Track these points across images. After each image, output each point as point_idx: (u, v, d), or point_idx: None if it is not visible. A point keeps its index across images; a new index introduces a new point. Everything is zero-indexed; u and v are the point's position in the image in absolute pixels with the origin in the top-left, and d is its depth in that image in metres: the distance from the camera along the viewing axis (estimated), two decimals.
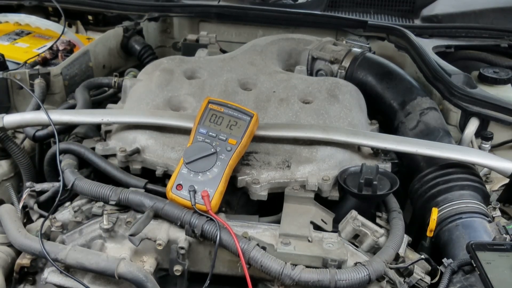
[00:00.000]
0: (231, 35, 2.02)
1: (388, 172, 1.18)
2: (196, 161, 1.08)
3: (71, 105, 1.48)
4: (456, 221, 1.16)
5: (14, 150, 1.33)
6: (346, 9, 2.19)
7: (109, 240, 1.06)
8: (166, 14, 2.00)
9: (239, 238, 0.98)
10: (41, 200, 1.19)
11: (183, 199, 1.05)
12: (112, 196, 1.08)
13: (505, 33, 1.85)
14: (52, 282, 0.99)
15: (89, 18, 2.09)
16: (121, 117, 1.26)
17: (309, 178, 1.16)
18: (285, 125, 1.25)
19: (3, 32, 1.92)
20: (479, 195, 1.21)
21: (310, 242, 1.04)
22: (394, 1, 2.19)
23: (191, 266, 1.06)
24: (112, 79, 1.56)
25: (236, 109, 1.15)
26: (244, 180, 1.16)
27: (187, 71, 1.44)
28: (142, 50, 1.88)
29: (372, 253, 1.06)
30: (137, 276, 0.95)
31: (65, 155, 1.24)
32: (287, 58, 1.64)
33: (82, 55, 1.69)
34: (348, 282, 0.95)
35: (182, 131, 1.22)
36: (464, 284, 1.00)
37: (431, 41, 1.80)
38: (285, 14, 1.96)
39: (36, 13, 2.01)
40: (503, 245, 1.02)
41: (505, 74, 1.65)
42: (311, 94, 1.36)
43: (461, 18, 2.01)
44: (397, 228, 1.09)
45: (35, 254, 1.01)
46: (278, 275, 0.95)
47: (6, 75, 1.50)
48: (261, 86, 1.38)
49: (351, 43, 1.72)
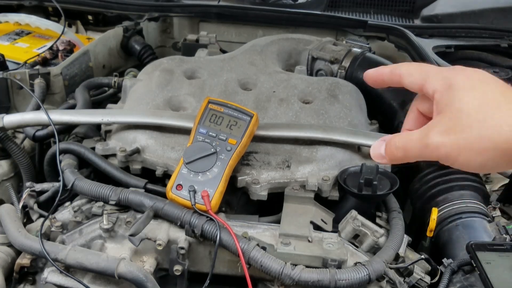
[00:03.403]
0: (231, 35, 2.01)
1: (388, 172, 1.18)
2: (196, 161, 1.08)
3: (71, 105, 1.48)
4: (456, 221, 1.16)
5: (14, 150, 1.32)
6: (346, 9, 2.19)
7: (109, 240, 1.06)
8: (166, 14, 2.00)
9: (239, 238, 0.99)
10: (41, 200, 1.19)
11: (183, 199, 1.05)
12: (112, 196, 1.08)
13: (505, 33, 1.85)
14: (52, 282, 0.99)
15: (89, 18, 2.09)
16: (121, 117, 1.26)
17: (309, 178, 1.16)
18: (285, 125, 1.25)
19: (3, 32, 1.92)
20: (479, 195, 1.21)
21: (310, 242, 1.04)
22: (394, 1, 2.19)
23: (191, 266, 1.06)
24: (112, 79, 1.56)
25: (236, 109, 1.15)
26: (244, 180, 1.16)
27: (187, 71, 1.44)
28: (142, 50, 1.88)
29: (372, 253, 1.07)
30: (137, 276, 0.95)
31: (65, 155, 1.24)
32: (287, 58, 1.64)
33: (82, 55, 1.69)
34: (348, 282, 0.95)
35: (182, 131, 1.22)
36: (464, 284, 1.00)
37: (431, 41, 1.79)
38: (285, 14, 1.96)
39: (36, 13, 2.00)
40: (503, 245, 1.02)
41: (505, 74, 1.64)
42: (311, 94, 1.36)
43: (461, 18, 2.01)
44: (397, 228, 1.09)
45: (35, 254, 1.01)
46: (278, 275, 0.95)
47: (6, 75, 1.50)
48: (261, 86, 1.38)
49: (351, 43, 1.72)
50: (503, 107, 0.58)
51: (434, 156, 0.62)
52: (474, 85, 0.61)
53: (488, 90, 0.60)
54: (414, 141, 0.63)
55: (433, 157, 0.63)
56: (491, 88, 0.60)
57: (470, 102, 0.60)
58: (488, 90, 0.60)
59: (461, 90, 0.61)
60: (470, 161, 0.59)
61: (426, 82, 0.65)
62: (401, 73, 0.69)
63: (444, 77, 0.63)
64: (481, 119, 0.58)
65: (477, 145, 0.58)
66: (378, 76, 0.71)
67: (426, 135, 0.62)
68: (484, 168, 0.61)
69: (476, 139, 0.58)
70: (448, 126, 0.60)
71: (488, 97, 0.59)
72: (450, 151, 0.60)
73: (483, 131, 0.58)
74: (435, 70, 0.66)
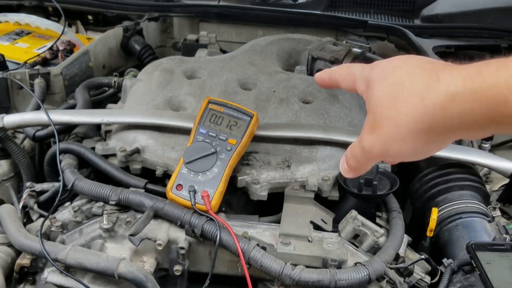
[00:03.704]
0: (231, 35, 2.01)
1: (388, 172, 1.18)
2: (196, 161, 1.08)
3: (71, 105, 1.48)
4: (456, 221, 1.16)
5: (14, 150, 1.32)
6: (346, 9, 2.19)
7: (109, 240, 1.06)
8: (166, 14, 2.00)
9: (239, 238, 0.99)
10: (41, 200, 1.19)
11: (183, 199, 1.05)
12: (112, 196, 1.08)
13: (505, 33, 1.85)
14: (52, 282, 0.99)
15: (89, 18, 2.08)
16: (121, 117, 1.26)
17: (309, 178, 1.16)
18: (285, 125, 1.25)
19: (3, 32, 1.92)
20: (479, 195, 1.21)
21: (310, 242, 1.04)
22: (394, 1, 2.19)
23: (191, 266, 1.06)
24: (112, 79, 1.56)
25: (236, 109, 1.15)
26: (244, 180, 1.16)
27: (187, 71, 1.44)
28: (142, 50, 1.87)
29: (372, 253, 1.07)
30: (137, 276, 0.95)
31: (65, 155, 1.24)
32: (287, 58, 1.64)
33: (82, 55, 1.69)
34: (348, 282, 0.95)
35: (182, 131, 1.22)
36: (464, 284, 1.00)
37: (431, 41, 1.79)
38: (285, 14, 1.96)
39: (36, 13, 2.00)
40: (503, 245, 1.02)
41: None
42: (311, 94, 1.36)
43: (461, 18, 2.01)
44: (397, 228, 1.09)
45: (35, 254, 1.01)
46: (278, 275, 0.95)
47: (6, 75, 1.50)
48: (261, 86, 1.38)
49: (351, 43, 1.72)
50: (406, 87, 0.56)
51: (375, 157, 0.62)
52: (387, 74, 0.60)
53: (398, 75, 0.58)
54: (356, 147, 0.64)
55: (374, 157, 0.62)
56: (401, 71, 0.59)
57: (381, 93, 0.59)
58: (398, 75, 0.58)
59: (375, 84, 0.60)
60: (401, 151, 0.58)
61: (355, 85, 0.65)
62: (336, 78, 0.70)
63: (365, 77, 0.63)
64: (392, 106, 0.57)
65: (397, 134, 0.57)
66: (321, 82, 0.73)
67: (361, 138, 0.62)
68: (420, 154, 0.60)
69: (393, 128, 0.57)
70: (371, 124, 0.60)
71: (396, 81, 0.58)
72: (381, 148, 0.59)
73: (397, 119, 0.56)
74: (359, 70, 0.65)
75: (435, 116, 0.54)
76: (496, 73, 0.50)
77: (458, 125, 0.54)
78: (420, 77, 0.56)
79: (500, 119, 0.51)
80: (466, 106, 0.52)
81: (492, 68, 0.50)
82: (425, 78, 0.55)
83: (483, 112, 0.51)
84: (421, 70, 0.57)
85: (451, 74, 0.54)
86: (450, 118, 0.53)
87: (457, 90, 0.52)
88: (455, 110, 0.52)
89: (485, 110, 0.51)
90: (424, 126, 0.55)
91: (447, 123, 0.54)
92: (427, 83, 0.55)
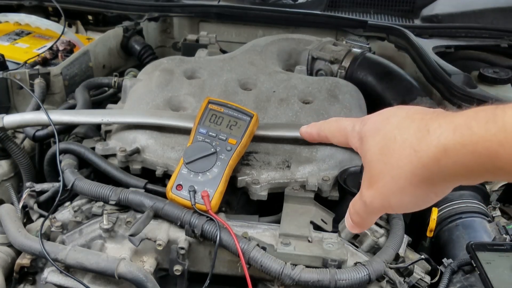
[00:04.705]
0: (231, 35, 2.01)
1: None
2: (196, 161, 1.08)
3: (71, 105, 1.48)
4: (456, 221, 1.16)
5: (14, 150, 1.32)
6: (346, 9, 2.19)
7: (109, 240, 1.06)
8: (166, 14, 2.00)
9: (239, 238, 0.99)
10: (41, 200, 1.19)
11: (183, 199, 1.05)
12: (112, 196, 1.08)
13: (505, 33, 1.85)
14: (52, 282, 0.99)
15: (89, 18, 2.08)
16: (121, 117, 1.26)
17: (309, 178, 1.16)
18: (285, 125, 1.25)
19: (3, 32, 1.92)
20: (479, 195, 1.21)
21: (310, 242, 1.04)
22: (394, 1, 2.19)
23: (191, 266, 1.06)
24: (112, 79, 1.56)
25: (236, 109, 1.15)
26: (244, 180, 1.16)
27: (187, 71, 1.44)
28: (142, 50, 1.87)
29: (372, 253, 1.06)
30: (137, 276, 0.95)
31: (65, 155, 1.24)
32: (287, 58, 1.64)
33: (82, 55, 1.69)
34: (348, 282, 0.95)
35: (182, 131, 1.22)
36: (464, 284, 1.00)
37: (431, 41, 1.79)
38: (285, 14, 1.96)
39: (36, 13, 2.00)
40: (503, 245, 1.02)
41: (505, 74, 1.64)
42: (311, 94, 1.36)
43: (461, 18, 2.01)
44: (397, 228, 1.09)
45: (35, 254, 1.01)
46: (278, 275, 0.95)
47: (6, 75, 1.50)
48: (261, 86, 1.38)
49: (351, 43, 1.72)
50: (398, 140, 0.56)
51: (376, 211, 0.62)
52: (378, 128, 0.60)
53: (389, 128, 0.58)
54: (357, 203, 0.64)
55: (376, 212, 0.62)
56: (391, 124, 0.58)
57: (375, 147, 0.59)
58: (389, 128, 0.58)
59: (368, 139, 0.60)
60: (402, 203, 0.58)
61: (348, 141, 0.66)
62: (326, 135, 0.70)
63: (357, 133, 0.63)
64: (387, 160, 0.57)
65: (395, 186, 0.57)
66: (309, 137, 0.74)
67: (361, 194, 0.62)
68: (421, 204, 0.60)
69: (390, 181, 0.57)
70: (369, 179, 0.60)
71: (388, 135, 0.58)
72: (381, 202, 0.59)
73: (393, 172, 0.56)
74: (350, 126, 0.65)
75: (430, 168, 0.54)
76: (485, 127, 0.49)
77: (454, 175, 0.53)
78: (411, 130, 0.56)
79: (494, 171, 0.50)
80: (459, 158, 0.51)
81: (481, 121, 0.50)
82: (415, 130, 0.55)
83: (478, 163, 0.50)
84: (410, 122, 0.56)
85: (440, 125, 0.53)
86: (445, 169, 0.53)
87: (448, 142, 0.51)
88: (450, 161, 0.52)
89: (478, 161, 0.50)
90: (421, 177, 0.55)
91: (443, 173, 0.54)
92: (417, 136, 0.54)
